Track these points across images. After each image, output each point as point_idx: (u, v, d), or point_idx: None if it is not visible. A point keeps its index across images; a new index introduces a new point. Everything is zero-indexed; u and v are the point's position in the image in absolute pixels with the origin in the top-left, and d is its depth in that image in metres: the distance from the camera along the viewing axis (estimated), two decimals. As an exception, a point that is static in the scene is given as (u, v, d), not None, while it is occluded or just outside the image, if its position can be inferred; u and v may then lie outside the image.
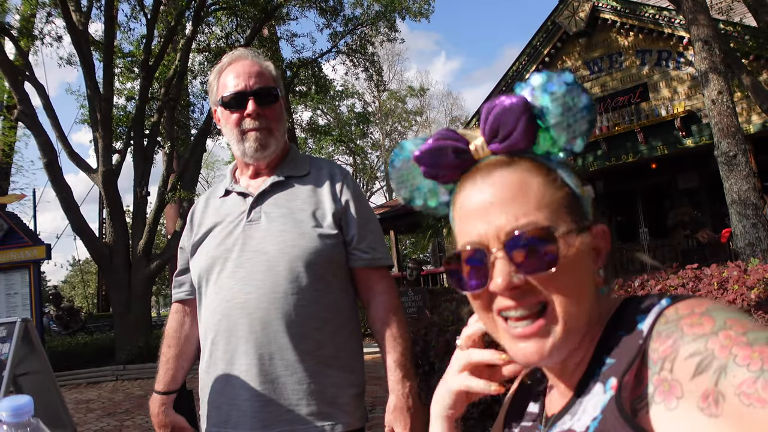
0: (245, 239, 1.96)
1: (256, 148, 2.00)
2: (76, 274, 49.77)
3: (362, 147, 42.65)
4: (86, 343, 14.08)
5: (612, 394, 0.82)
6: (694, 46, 6.54)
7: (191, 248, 2.12)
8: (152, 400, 2.16)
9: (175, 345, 2.18)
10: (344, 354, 1.96)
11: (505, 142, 0.89)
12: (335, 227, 1.98)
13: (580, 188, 0.92)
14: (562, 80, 0.87)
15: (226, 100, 2.01)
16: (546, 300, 0.87)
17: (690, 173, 15.86)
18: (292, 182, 2.05)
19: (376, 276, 2.04)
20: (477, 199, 0.90)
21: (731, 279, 3.09)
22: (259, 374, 1.86)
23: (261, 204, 2.01)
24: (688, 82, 14.27)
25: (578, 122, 0.87)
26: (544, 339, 0.87)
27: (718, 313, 0.77)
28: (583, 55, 16.02)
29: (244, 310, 1.88)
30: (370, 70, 21.71)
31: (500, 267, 0.86)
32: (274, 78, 2.08)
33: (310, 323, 1.89)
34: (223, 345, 1.92)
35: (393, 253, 23.70)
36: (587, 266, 0.90)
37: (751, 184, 5.75)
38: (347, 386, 1.94)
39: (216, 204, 2.14)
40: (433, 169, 0.96)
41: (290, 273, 1.89)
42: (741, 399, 0.67)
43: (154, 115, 14.38)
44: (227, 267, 1.95)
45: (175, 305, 2.25)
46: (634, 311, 0.88)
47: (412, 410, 1.90)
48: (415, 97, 45.38)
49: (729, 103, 6.18)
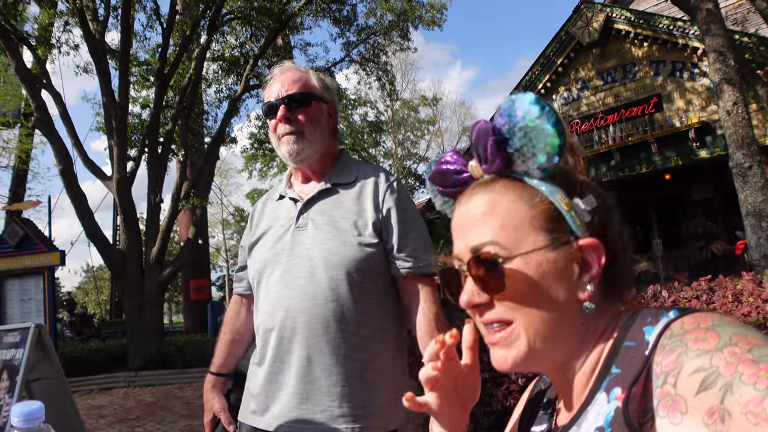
0: (293, 245, 2.08)
1: (289, 152, 2.10)
2: (90, 280, 50.11)
3: (375, 156, 42.71)
4: (99, 349, 14.13)
5: (617, 405, 0.82)
6: (709, 57, 6.51)
7: (249, 248, 2.26)
8: (206, 380, 2.33)
9: (229, 332, 2.36)
10: (381, 359, 2.03)
11: (484, 165, 0.96)
12: (376, 236, 2.05)
13: (564, 204, 0.92)
14: (525, 99, 0.91)
15: (264, 110, 2.16)
16: (509, 318, 0.91)
17: (704, 184, 15.75)
18: (338, 189, 2.14)
19: (418, 284, 2.08)
20: (459, 216, 0.98)
21: (746, 291, 3.06)
22: (298, 374, 1.98)
23: (308, 210, 2.12)
24: (702, 93, 14.19)
25: (542, 137, 0.89)
26: (507, 350, 0.91)
27: (723, 328, 0.76)
28: (596, 65, 15.98)
29: (288, 313, 2.00)
30: (383, 79, 21.73)
31: (467, 284, 0.93)
32: (315, 84, 2.17)
33: (347, 329, 1.98)
34: (272, 344, 2.05)
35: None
36: (559, 284, 0.90)
37: (766, 195, 5.70)
38: (383, 390, 2.01)
39: (272, 207, 2.26)
40: (442, 188, 1.05)
41: (331, 280, 1.99)
42: (748, 418, 0.67)
43: (169, 123, 14.49)
44: (276, 270, 2.08)
45: (234, 296, 2.44)
46: (642, 322, 0.88)
47: None
48: (428, 106, 45.41)
49: (744, 114, 6.14)
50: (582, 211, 0.92)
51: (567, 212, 0.92)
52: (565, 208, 0.92)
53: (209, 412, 2.27)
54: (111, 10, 13.68)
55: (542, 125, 0.89)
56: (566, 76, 16.36)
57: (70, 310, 20.47)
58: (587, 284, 0.91)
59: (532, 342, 0.89)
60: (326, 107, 2.20)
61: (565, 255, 0.90)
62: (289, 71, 2.17)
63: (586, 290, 0.91)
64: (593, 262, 0.91)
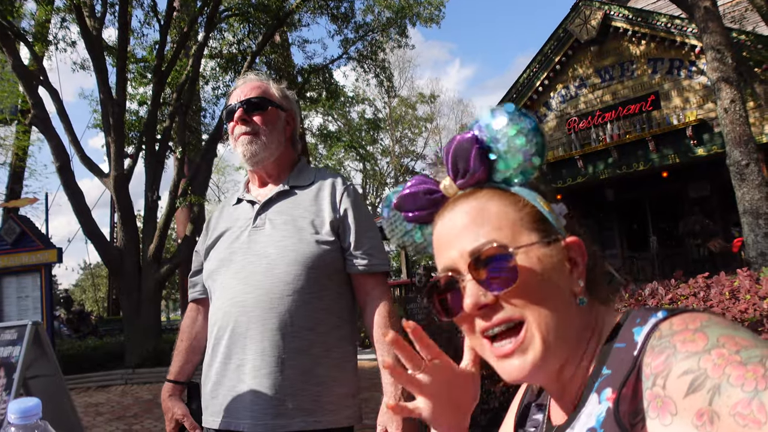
0: (250, 243, 2.13)
1: (244, 152, 2.18)
2: (87, 277, 50.06)
3: (372, 153, 42.70)
4: (96, 346, 14.13)
5: (608, 406, 0.82)
6: (707, 55, 6.52)
7: (205, 252, 2.30)
8: (163, 388, 2.35)
9: (186, 339, 2.37)
10: (335, 354, 2.08)
11: (465, 177, 0.98)
12: (333, 234, 2.12)
13: (545, 206, 0.96)
14: (503, 111, 0.95)
15: (224, 115, 2.24)
16: (520, 316, 0.89)
17: (701, 182, 15.75)
18: (296, 191, 2.22)
19: (372, 282, 2.16)
20: (444, 229, 0.98)
21: (743, 289, 3.07)
22: (253, 369, 2.00)
23: (266, 211, 2.18)
24: (700, 91, 14.19)
25: (525, 145, 0.94)
26: (524, 356, 0.89)
27: (711, 329, 0.77)
28: (594, 63, 15.97)
29: (244, 308, 2.03)
30: (381, 76, 21.73)
31: (469, 288, 0.91)
32: (273, 93, 2.27)
33: (303, 323, 2.02)
34: (224, 340, 2.07)
35: (402, 259, 23.68)
36: (559, 278, 0.92)
37: (763, 193, 5.71)
38: (336, 386, 2.05)
39: (229, 211, 2.32)
40: (412, 213, 1.05)
41: (288, 275, 2.03)
42: (736, 420, 0.67)
43: (166, 120, 14.49)
44: (232, 268, 2.12)
45: (190, 304, 2.45)
46: (632, 323, 0.89)
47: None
48: (425, 103, 45.39)
49: (741, 112, 6.15)
50: (559, 214, 0.97)
51: (549, 213, 0.96)
52: (546, 209, 0.96)
53: (171, 421, 2.28)
54: (108, 6, 13.65)
55: (525, 130, 0.94)
56: (564, 73, 16.35)
57: (68, 308, 20.46)
58: (577, 280, 0.94)
59: (546, 340, 0.88)
60: (284, 115, 2.28)
61: (558, 251, 0.92)
62: (250, 81, 2.27)
63: (579, 285, 0.93)
64: (578, 259, 0.95)
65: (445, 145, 1.00)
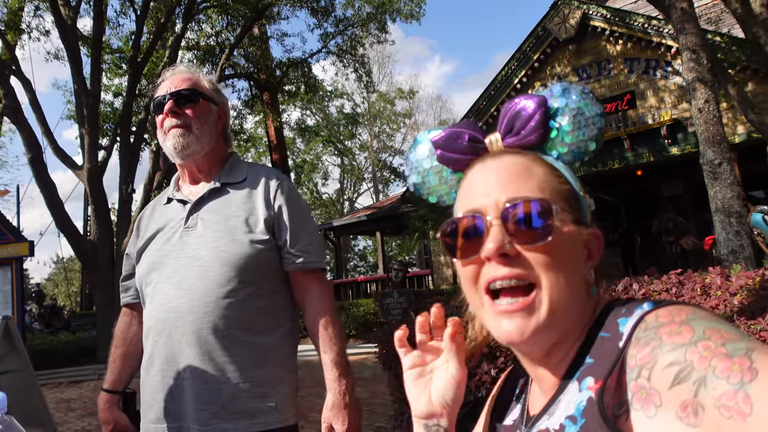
0: (182, 245, 2.05)
1: (174, 145, 2.08)
2: (60, 271, 49.39)
3: (350, 148, 42.65)
4: (68, 341, 13.94)
5: (589, 395, 0.82)
6: (682, 55, 6.60)
7: (136, 254, 2.22)
8: (99, 398, 2.26)
9: (121, 345, 2.29)
10: (276, 354, 2.04)
11: (518, 135, 0.97)
12: (267, 233, 2.06)
13: (582, 190, 0.97)
14: (579, 89, 0.97)
15: (153, 107, 2.13)
16: (535, 279, 0.88)
17: (675, 181, 15.98)
18: (228, 189, 2.14)
19: (310, 279, 2.11)
20: (482, 175, 0.96)
21: (714, 285, 3.12)
22: (192, 375, 1.94)
23: (198, 211, 2.10)
24: (675, 91, 14.38)
25: (588, 126, 0.96)
26: (528, 318, 0.88)
27: (698, 322, 0.77)
28: (572, 61, 16.09)
29: (178, 313, 1.97)
30: (360, 71, 21.70)
31: (494, 233, 0.89)
32: (204, 85, 2.18)
33: (240, 326, 1.97)
34: (160, 346, 2.01)
35: (379, 255, 23.69)
36: (579, 259, 0.92)
37: (735, 192, 5.80)
38: (278, 385, 2.02)
39: (160, 211, 2.23)
40: (447, 153, 1.03)
41: (221, 277, 1.97)
42: (721, 411, 0.67)
43: (142, 112, 14.32)
44: (164, 272, 2.05)
45: (123, 309, 2.35)
46: (617, 314, 0.88)
47: (349, 406, 1.99)
48: (404, 99, 45.43)
49: (715, 112, 6.23)
50: (588, 204, 0.98)
51: (583, 199, 0.97)
52: (582, 195, 0.97)
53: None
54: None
55: (595, 112, 0.96)
56: (542, 71, 16.45)
57: (39, 302, 20.13)
58: (590, 270, 0.94)
59: (553, 310, 0.88)
60: (216, 108, 2.20)
61: (582, 235, 0.93)
62: (180, 73, 2.18)
63: (590, 275, 0.94)
64: (594, 251, 0.96)
65: (507, 102, 0.99)
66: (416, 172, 1.10)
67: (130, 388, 2.27)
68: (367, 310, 16.16)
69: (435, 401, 1.03)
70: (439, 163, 1.05)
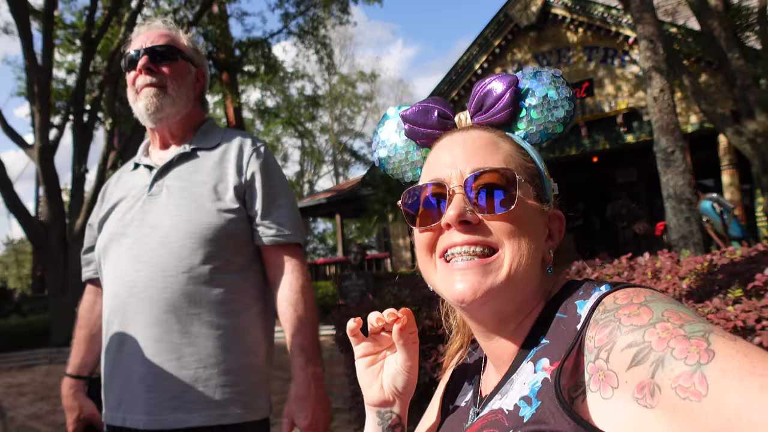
0: (144, 214, 1.86)
1: (147, 106, 1.89)
2: (10, 253, 48.01)
3: (311, 130, 42.30)
4: (19, 325, 13.59)
5: (545, 376, 0.82)
6: (640, 44, 6.71)
7: (98, 224, 2.02)
8: (62, 383, 2.06)
9: (85, 326, 2.11)
10: (245, 338, 1.84)
11: (488, 112, 0.97)
12: (238, 201, 1.86)
13: (546, 172, 0.98)
14: (550, 72, 0.98)
15: (125, 63, 1.94)
16: (496, 244, 0.88)
17: (629, 168, 16.32)
18: (199, 153, 1.94)
19: (283, 254, 1.90)
20: (449, 147, 0.96)
21: (664, 269, 3.20)
22: (144, 357, 1.75)
23: (164, 177, 1.91)
24: (631, 80, 14.65)
25: (557, 108, 0.96)
26: (483, 277, 0.87)
27: (656, 304, 0.77)
28: (532, 48, 16.22)
29: (134, 289, 1.78)
30: (321, 52, 21.50)
31: (456, 201, 0.89)
32: (184, 43, 1.98)
33: (204, 304, 1.77)
34: (115, 326, 1.82)
35: (338, 237, 23.66)
36: (540, 234, 0.93)
37: (686, 180, 5.95)
38: (246, 373, 1.81)
39: (125, 178, 2.04)
40: (416, 127, 1.02)
41: (183, 249, 1.78)
42: (677, 392, 0.67)
43: (96, 89, 13.92)
44: (124, 244, 1.86)
45: (87, 285, 2.16)
46: (575, 295, 0.89)
47: (314, 399, 1.78)
48: (366, 82, 45.21)
49: (670, 102, 6.36)
50: (552, 188, 0.99)
51: (547, 180, 0.97)
52: (547, 176, 0.98)
53: (75, 421, 2.00)
54: (34, -33, 12.94)
55: (564, 95, 0.97)
56: (503, 57, 16.54)
57: (-12, 284, 19.53)
58: (549, 250, 0.95)
59: (511, 275, 0.88)
60: (194, 70, 2.00)
61: (544, 213, 0.94)
62: (156, 27, 1.97)
63: (549, 255, 0.95)
64: (556, 232, 0.97)
65: (479, 82, 0.99)
66: (383, 147, 1.09)
67: (97, 374, 2.04)
68: (325, 293, 16.16)
69: (386, 389, 1.03)
70: (407, 138, 1.05)
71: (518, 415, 0.82)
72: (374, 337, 1.05)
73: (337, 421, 5.61)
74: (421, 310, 3.31)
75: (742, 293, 2.44)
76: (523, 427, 0.79)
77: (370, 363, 1.06)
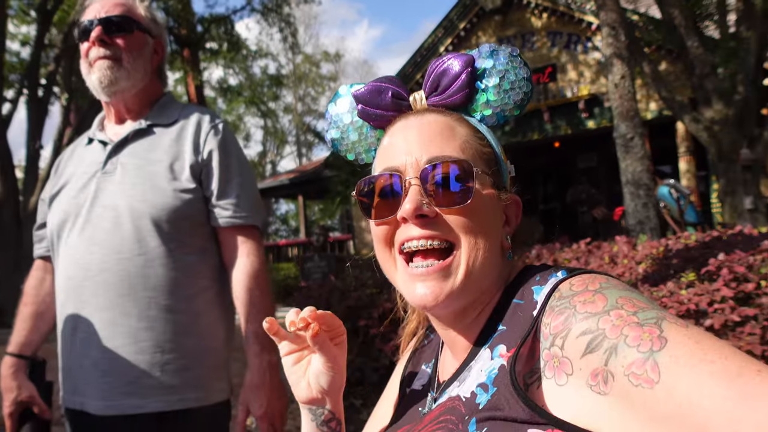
0: (97, 192, 1.80)
1: (100, 79, 1.83)
2: (-40, 230, 46.51)
3: (274, 110, 41.85)
4: (-31, 304, 13.19)
5: (501, 363, 0.82)
6: (603, 31, 6.78)
7: (49, 201, 1.96)
8: (2, 362, 1.96)
9: (31, 303, 2.02)
10: (202, 321, 1.81)
11: (443, 94, 0.94)
12: (194, 181, 1.81)
13: (503, 155, 0.97)
14: (507, 51, 0.95)
15: (78, 33, 1.86)
16: (452, 240, 0.88)
17: (589, 153, 16.58)
18: (155, 130, 1.88)
19: (239, 236, 1.86)
20: (404, 133, 0.93)
21: (621, 254, 3.26)
22: (99, 342, 1.71)
23: (118, 154, 1.85)
24: (593, 67, 14.82)
25: (514, 90, 0.94)
26: (443, 281, 0.87)
27: (610, 291, 0.78)
28: (497, 32, 16.26)
29: (88, 271, 1.74)
30: (285, 31, 21.21)
31: (412, 193, 0.87)
32: (141, 13, 1.90)
33: (160, 287, 1.74)
34: (70, 309, 1.78)
35: (300, 218, 23.54)
36: (497, 223, 0.92)
37: (644, 166, 6.06)
38: (204, 357, 1.80)
39: (79, 153, 1.97)
40: (369, 108, 0.98)
41: (137, 231, 1.74)
42: (630, 379, 0.68)
43: (51, 63, 13.49)
44: (77, 223, 1.80)
45: (36, 261, 2.09)
46: (532, 281, 0.89)
47: (269, 387, 1.77)
48: (330, 62, 44.84)
49: (630, 88, 6.46)
50: (509, 170, 0.98)
51: (503, 164, 0.96)
52: (504, 160, 0.96)
53: (12, 404, 1.90)
54: (-16, -67, 12.42)
55: (522, 76, 0.94)
56: (468, 40, 16.55)
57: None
58: (507, 236, 0.95)
59: (469, 273, 0.87)
60: (152, 42, 1.93)
61: (501, 200, 0.93)
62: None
63: (507, 241, 0.95)
64: (512, 217, 0.97)
65: (434, 60, 0.96)
66: (335, 127, 1.05)
67: (40, 356, 1.99)
68: (287, 274, 16.10)
69: (313, 387, 1.02)
70: (360, 119, 1.02)
71: (474, 402, 0.82)
72: (296, 334, 1.01)
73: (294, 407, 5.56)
74: (382, 292, 3.32)
75: (695, 277, 2.50)
76: (479, 413, 0.80)
77: (296, 360, 1.05)
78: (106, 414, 1.70)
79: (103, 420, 1.71)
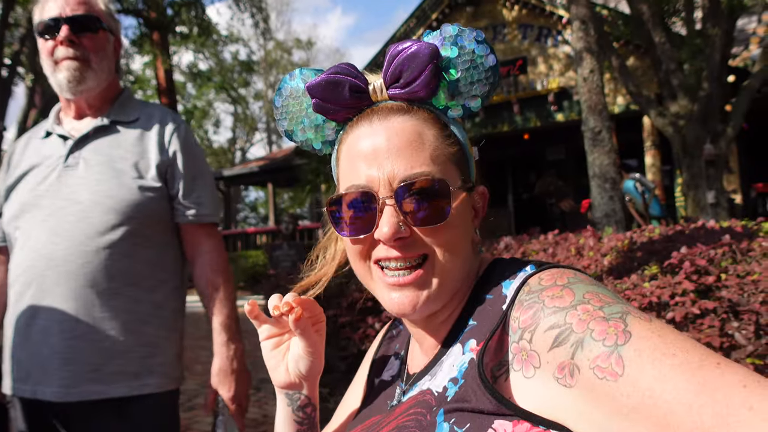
0: (59, 186, 1.84)
1: (69, 79, 1.86)
2: None
3: (245, 97, 41.41)
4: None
5: (471, 357, 0.83)
6: (573, 25, 6.83)
7: (5, 192, 1.97)
8: None
9: None
10: (162, 312, 1.91)
11: (406, 88, 0.88)
12: (159, 180, 1.89)
13: (469, 147, 0.95)
14: (472, 36, 0.88)
15: (40, 29, 1.87)
16: (428, 252, 0.88)
17: (558, 146, 16.76)
18: (118, 128, 1.93)
19: (202, 233, 1.98)
20: (370, 141, 0.88)
21: (587, 246, 3.31)
22: (61, 330, 1.76)
23: (81, 149, 1.89)
24: (563, 60, 14.97)
25: (481, 81, 0.89)
26: (419, 290, 0.88)
27: (578, 286, 0.79)
28: (469, 23, 16.28)
29: (51, 261, 1.77)
30: (257, 16, 20.96)
31: (388, 215, 0.85)
32: (102, 10, 1.93)
33: (123, 279, 1.81)
34: (27, 298, 1.80)
35: (270, 206, 23.39)
36: (469, 224, 0.93)
37: (611, 159, 6.15)
38: (164, 345, 1.90)
39: (36, 146, 1.99)
40: (325, 103, 0.92)
41: (104, 225, 1.79)
42: (595, 372, 0.70)
43: (16, 43, 13.13)
44: (38, 215, 1.83)
45: None
46: (501, 275, 0.90)
47: (236, 373, 1.91)
48: (302, 49, 44.47)
49: (599, 82, 6.52)
50: (474, 156, 0.96)
51: (471, 157, 0.95)
52: (471, 154, 0.95)
53: None
54: None
55: (489, 65, 0.88)
56: (440, 31, 16.58)
57: None
58: (475, 229, 0.95)
59: (443, 281, 0.88)
60: (113, 40, 1.98)
61: (470, 198, 0.93)
62: None
63: (476, 234, 0.95)
64: (480, 209, 0.97)
65: (393, 48, 0.87)
66: (285, 118, 0.98)
67: None
68: (256, 262, 16.02)
69: (291, 372, 1.03)
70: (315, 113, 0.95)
71: (444, 395, 0.83)
72: (277, 319, 1.01)
73: (263, 391, 5.59)
74: (350, 282, 3.32)
75: (658, 270, 2.56)
76: (446, 404, 0.81)
77: (275, 345, 1.05)
78: (65, 401, 1.75)
79: (61, 406, 1.76)
